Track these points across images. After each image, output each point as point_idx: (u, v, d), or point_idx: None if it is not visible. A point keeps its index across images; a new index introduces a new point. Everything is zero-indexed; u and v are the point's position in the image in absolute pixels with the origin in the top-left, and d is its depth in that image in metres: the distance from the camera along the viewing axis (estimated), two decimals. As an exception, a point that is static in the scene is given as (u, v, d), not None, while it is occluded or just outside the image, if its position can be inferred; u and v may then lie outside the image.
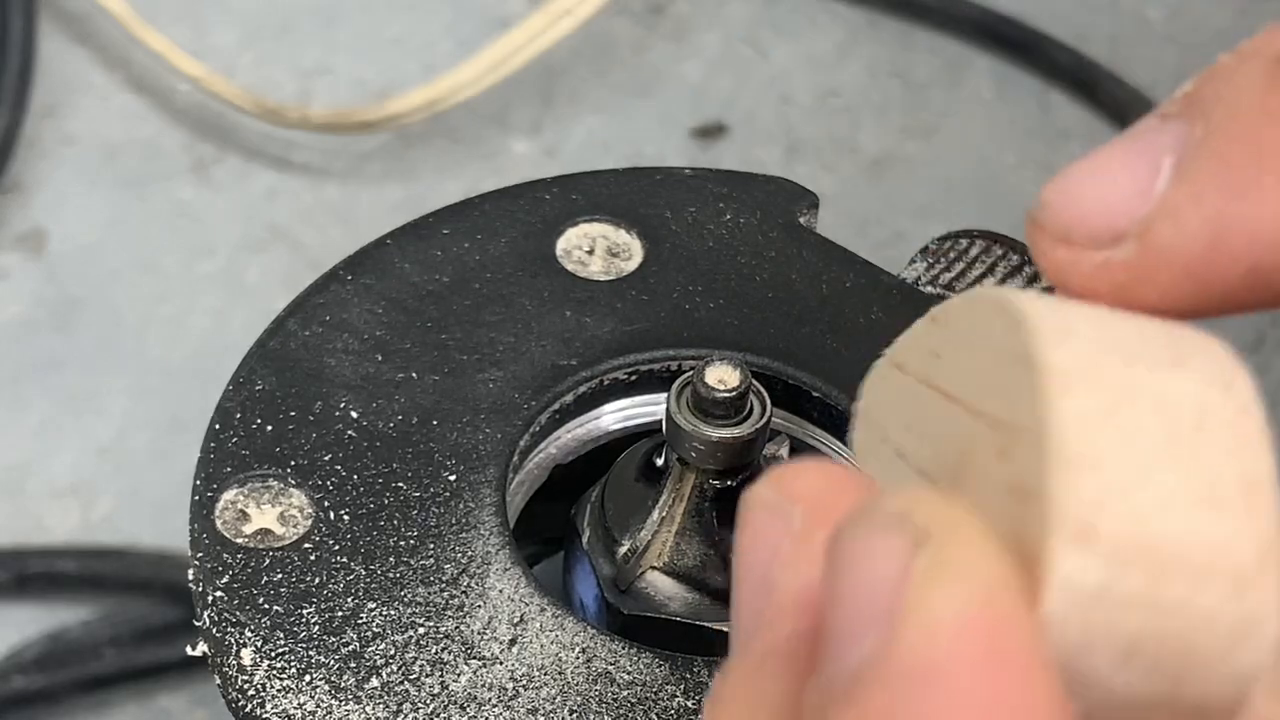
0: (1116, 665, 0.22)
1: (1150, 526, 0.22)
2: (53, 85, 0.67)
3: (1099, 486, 0.22)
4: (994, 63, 0.68)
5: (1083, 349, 0.22)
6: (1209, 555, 0.22)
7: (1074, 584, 0.22)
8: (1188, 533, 0.22)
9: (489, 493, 0.35)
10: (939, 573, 0.21)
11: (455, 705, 0.33)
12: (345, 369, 0.37)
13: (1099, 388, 0.22)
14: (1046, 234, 0.25)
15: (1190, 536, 0.22)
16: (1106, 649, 0.22)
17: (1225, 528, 0.22)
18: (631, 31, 0.69)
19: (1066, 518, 0.22)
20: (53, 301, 0.61)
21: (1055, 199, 0.25)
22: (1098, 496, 0.22)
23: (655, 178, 0.42)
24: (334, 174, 0.65)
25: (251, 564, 0.34)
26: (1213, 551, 0.22)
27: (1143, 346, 0.23)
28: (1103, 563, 0.21)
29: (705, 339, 0.38)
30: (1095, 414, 0.22)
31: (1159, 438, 0.22)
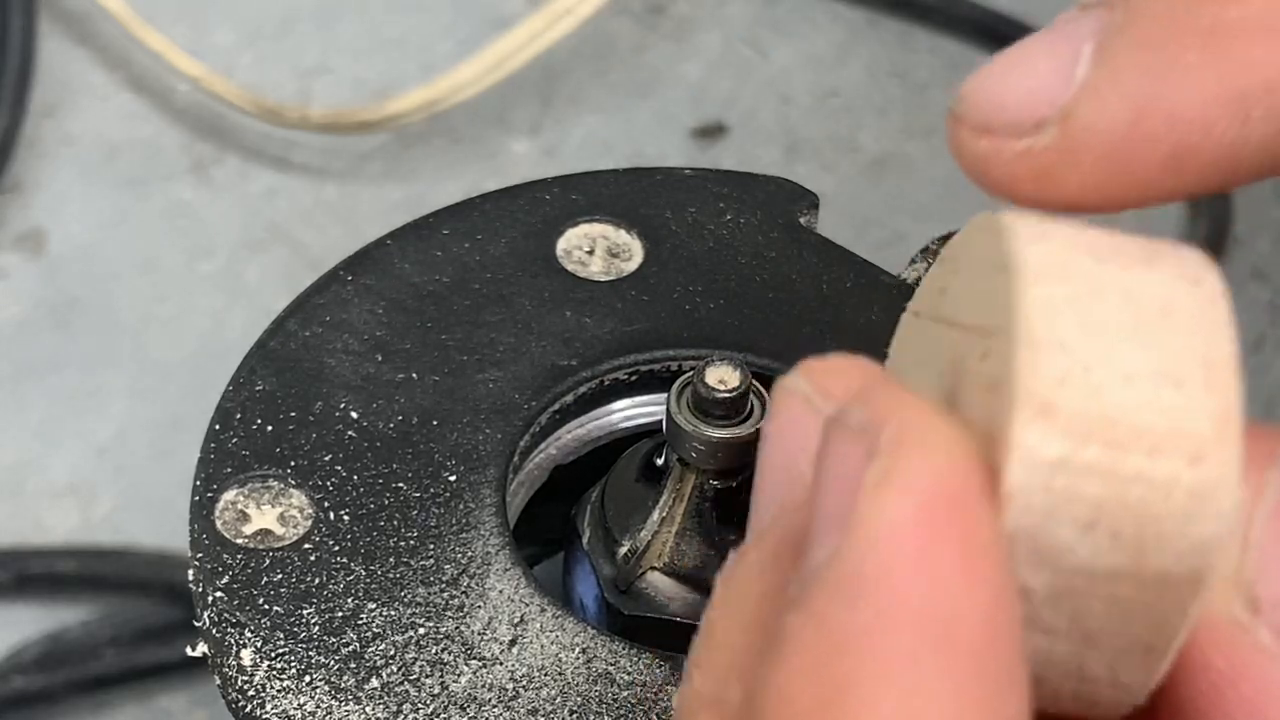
0: (1080, 535, 0.22)
1: (1111, 400, 0.22)
2: (52, 85, 0.67)
3: (1062, 365, 0.22)
4: (994, 63, 0.68)
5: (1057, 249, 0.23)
6: (1167, 426, 0.22)
7: (1035, 456, 0.22)
8: (1147, 406, 0.22)
9: (489, 493, 0.35)
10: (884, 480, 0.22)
11: (455, 706, 0.32)
12: (345, 369, 0.37)
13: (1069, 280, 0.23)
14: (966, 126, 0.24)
15: (1149, 409, 0.22)
16: (1069, 519, 0.22)
17: (1184, 401, 0.23)
18: (631, 31, 0.69)
19: (1030, 394, 0.22)
20: (52, 301, 0.61)
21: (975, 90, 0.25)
22: (1060, 374, 0.22)
23: (655, 178, 0.42)
24: (334, 174, 0.65)
25: (251, 564, 0.34)
26: (1171, 423, 0.22)
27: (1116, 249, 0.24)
28: (1063, 434, 0.22)
29: (705, 339, 0.38)
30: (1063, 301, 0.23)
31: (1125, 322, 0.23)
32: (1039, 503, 0.22)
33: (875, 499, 0.22)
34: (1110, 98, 0.24)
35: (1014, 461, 0.22)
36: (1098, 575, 0.23)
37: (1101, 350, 0.23)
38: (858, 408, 0.23)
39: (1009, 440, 0.22)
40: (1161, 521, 0.23)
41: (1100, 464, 0.22)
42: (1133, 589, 0.23)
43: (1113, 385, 0.23)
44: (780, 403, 0.25)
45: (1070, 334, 0.23)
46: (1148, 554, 0.23)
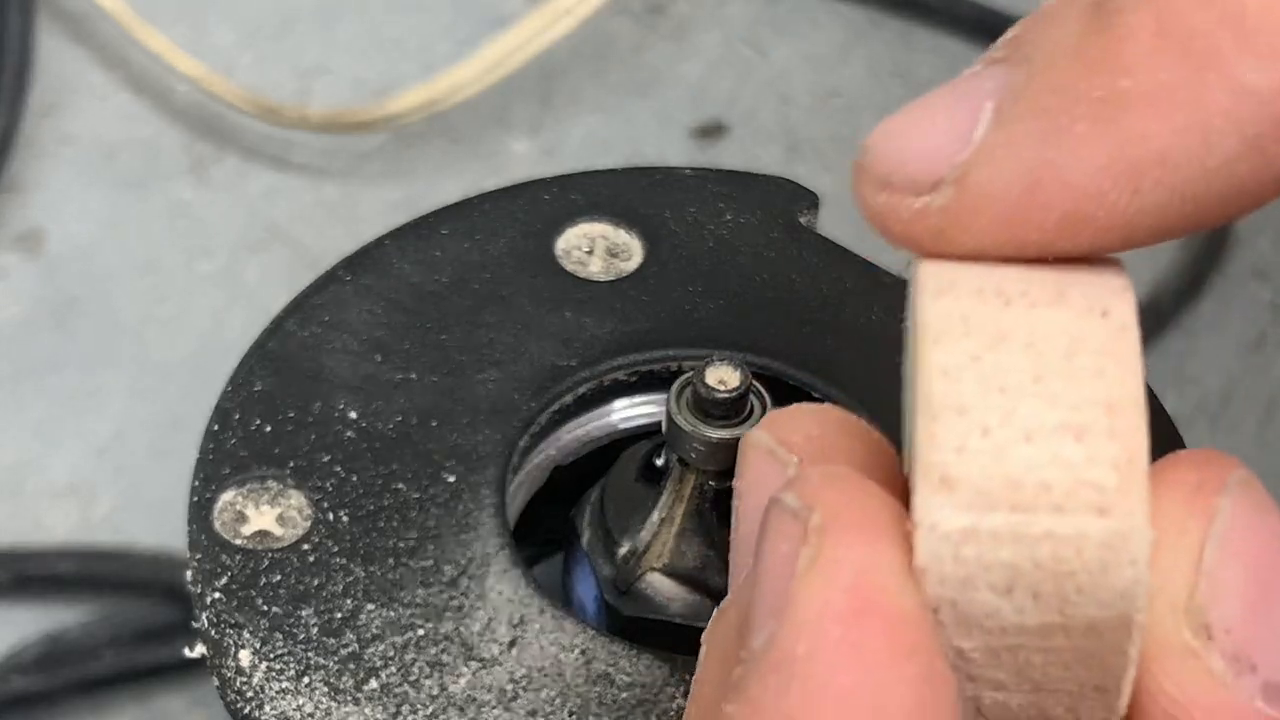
0: (1001, 598, 0.23)
1: (1012, 461, 0.23)
2: (51, 85, 0.66)
3: (961, 431, 0.23)
4: (995, 62, 0.68)
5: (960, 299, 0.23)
6: (1071, 481, 0.23)
7: (940, 530, 0.23)
8: (1049, 462, 0.23)
9: (488, 494, 0.35)
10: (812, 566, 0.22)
11: (454, 707, 0.32)
12: (344, 369, 0.37)
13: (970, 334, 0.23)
14: (868, 179, 0.25)
15: (1052, 466, 0.23)
16: (986, 585, 0.23)
17: (1087, 452, 0.23)
18: (631, 31, 0.69)
19: (930, 467, 0.23)
20: (51, 301, 0.61)
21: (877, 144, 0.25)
22: (959, 442, 0.23)
23: (655, 177, 0.42)
24: (333, 174, 0.65)
25: (250, 565, 0.34)
26: (1074, 477, 0.23)
27: (1026, 286, 0.24)
28: (966, 504, 0.23)
29: (705, 339, 0.38)
30: (962, 361, 0.23)
31: (1027, 374, 0.23)
32: (952, 573, 0.23)
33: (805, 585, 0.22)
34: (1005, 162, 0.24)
35: (920, 537, 0.23)
36: (1028, 632, 0.23)
37: (1002, 409, 0.23)
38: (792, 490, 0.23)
39: (913, 516, 0.23)
40: (1077, 576, 0.23)
41: (1007, 528, 0.23)
42: (1065, 640, 0.23)
43: (1014, 445, 0.23)
44: (745, 457, 0.25)
45: (969, 395, 0.23)
46: (1071, 607, 0.23)
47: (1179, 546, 0.23)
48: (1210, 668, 0.23)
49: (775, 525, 0.23)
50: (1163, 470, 0.24)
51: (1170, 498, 0.23)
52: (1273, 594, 0.23)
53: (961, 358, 0.23)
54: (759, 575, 0.23)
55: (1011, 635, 0.23)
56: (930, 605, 0.23)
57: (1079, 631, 0.23)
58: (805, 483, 0.23)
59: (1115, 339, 0.23)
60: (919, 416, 0.23)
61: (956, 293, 0.24)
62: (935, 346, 0.23)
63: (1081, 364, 0.23)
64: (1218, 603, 0.23)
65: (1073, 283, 0.24)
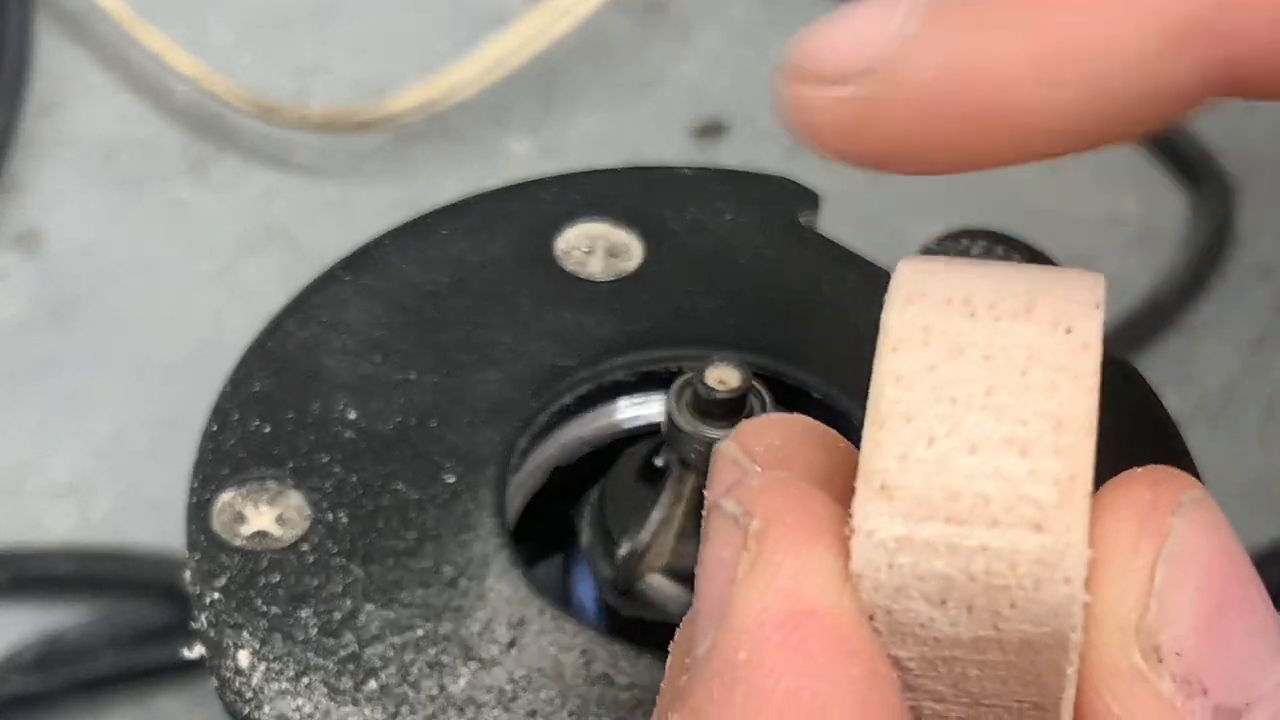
0: (935, 609, 0.23)
1: (954, 472, 0.23)
2: (49, 84, 0.66)
3: (906, 439, 0.23)
4: (995, 61, 0.68)
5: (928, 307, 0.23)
6: (1010, 495, 0.23)
7: (876, 537, 0.23)
8: (990, 475, 0.23)
9: (488, 494, 0.35)
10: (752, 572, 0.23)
11: (454, 707, 0.32)
12: (343, 369, 0.37)
13: (930, 343, 0.23)
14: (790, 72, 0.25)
15: (992, 479, 0.23)
16: (920, 595, 0.23)
17: (1029, 467, 0.23)
18: (631, 30, 0.69)
19: (871, 473, 0.23)
20: (49, 301, 0.61)
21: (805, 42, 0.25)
22: (902, 450, 0.23)
23: (655, 177, 0.41)
24: (332, 173, 0.65)
25: (249, 566, 0.34)
26: (1013, 491, 0.23)
27: (995, 298, 0.24)
28: (903, 513, 0.23)
29: (705, 339, 0.38)
30: (918, 369, 0.23)
31: (980, 385, 0.23)
32: (886, 581, 0.23)
33: (745, 590, 0.23)
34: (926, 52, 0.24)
35: (856, 543, 0.23)
36: (963, 645, 0.23)
37: (950, 419, 0.23)
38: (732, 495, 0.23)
39: (852, 522, 0.23)
40: (1011, 591, 0.23)
41: (943, 540, 0.23)
42: (1001, 655, 0.23)
43: (957, 456, 0.23)
44: (714, 466, 0.25)
45: (919, 404, 0.23)
46: (1005, 622, 0.23)
47: (1130, 567, 0.23)
48: (1160, 690, 0.23)
49: (716, 531, 0.24)
50: (1116, 488, 0.24)
51: (1123, 516, 0.23)
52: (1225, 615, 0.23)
53: (918, 366, 0.23)
54: (701, 582, 0.24)
55: (946, 647, 0.23)
56: (865, 612, 0.23)
57: (1013, 647, 0.23)
58: (745, 488, 0.24)
59: (1074, 356, 0.23)
60: (867, 423, 0.23)
61: (925, 301, 0.24)
62: (893, 354, 0.23)
63: (1036, 379, 0.23)
64: (1169, 624, 0.23)
65: (1044, 295, 0.24)
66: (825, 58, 0.25)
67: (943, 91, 0.24)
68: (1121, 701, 0.23)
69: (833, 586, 0.23)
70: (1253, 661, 0.23)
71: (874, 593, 0.23)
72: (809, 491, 0.23)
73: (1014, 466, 0.23)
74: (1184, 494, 0.23)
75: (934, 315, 0.24)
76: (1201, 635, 0.23)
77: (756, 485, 0.24)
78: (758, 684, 0.22)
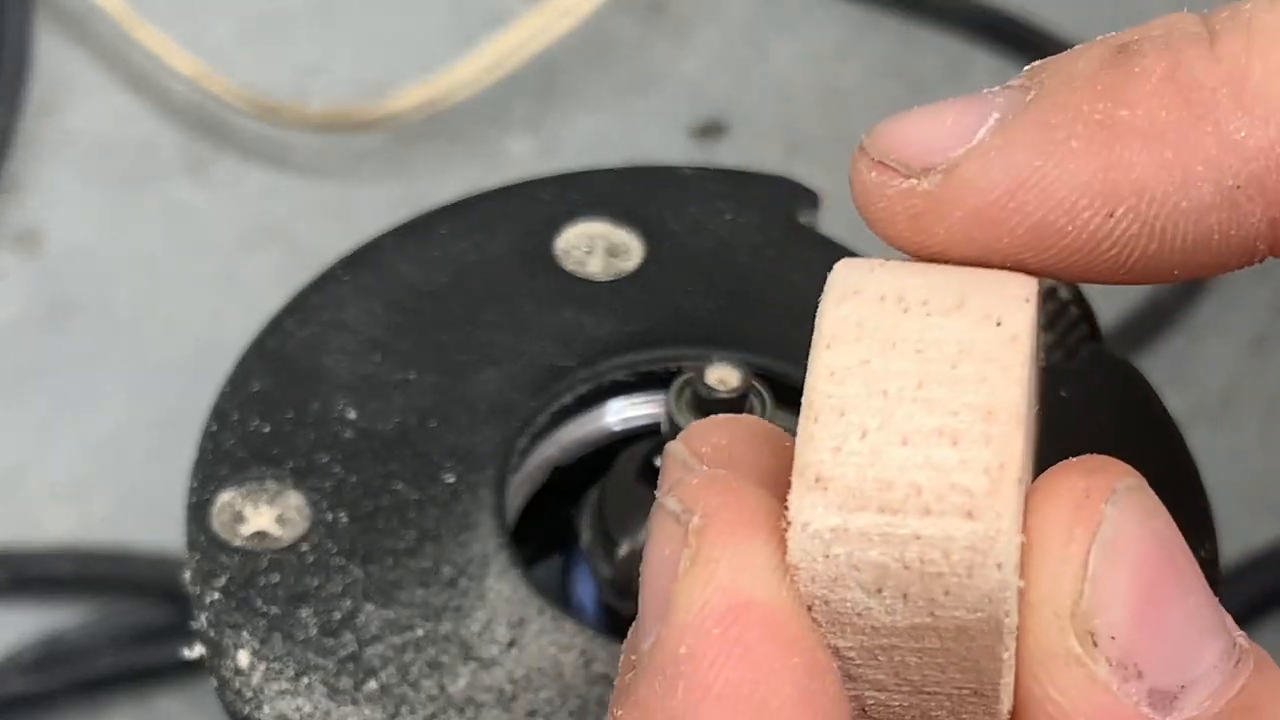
0: (870, 598, 0.23)
1: (886, 463, 0.23)
2: (48, 83, 0.66)
3: (838, 432, 0.23)
4: (996, 61, 0.68)
5: (862, 304, 0.24)
6: (941, 484, 0.23)
7: (810, 529, 0.23)
8: (921, 465, 0.23)
9: (487, 494, 0.35)
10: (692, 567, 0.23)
11: (453, 708, 0.32)
12: (342, 369, 0.37)
13: (863, 339, 0.24)
14: (864, 157, 0.26)
15: (923, 469, 0.23)
16: (856, 585, 0.23)
17: (959, 456, 0.23)
18: (631, 30, 0.69)
19: (805, 466, 0.23)
20: (49, 301, 0.61)
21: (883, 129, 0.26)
22: (836, 443, 0.23)
23: (655, 176, 0.41)
24: (331, 173, 0.65)
25: (248, 566, 0.34)
26: (945, 480, 0.23)
27: (928, 295, 0.24)
28: (837, 504, 0.23)
29: (705, 339, 0.38)
30: (851, 365, 0.24)
31: (911, 379, 0.24)
32: (822, 571, 0.23)
33: (685, 586, 0.23)
34: (994, 162, 0.25)
35: (792, 535, 0.23)
36: (900, 632, 0.24)
37: (882, 412, 0.24)
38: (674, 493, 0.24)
39: (788, 514, 0.23)
40: (945, 578, 0.23)
41: (876, 529, 0.23)
42: (937, 641, 0.24)
43: (890, 447, 0.23)
44: (663, 467, 0.26)
45: (852, 398, 0.24)
46: (940, 609, 0.23)
47: (1064, 554, 0.24)
48: (1095, 674, 0.23)
49: (658, 529, 0.24)
50: (1052, 478, 0.24)
51: (1057, 505, 0.24)
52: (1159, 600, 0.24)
53: (851, 361, 0.24)
54: (645, 579, 0.24)
55: (884, 635, 0.24)
56: (804, 603, 0.23)
57: (950, 634, 0.23)
58: (685, 486, 0.24)
59: (1003, 348, 0.24)
60: (801, 418, 0.24)
61: (859, 299, 0.25)
62: (827, 350, 0.24)
63: (966, 371, 0.24)
64: (1103, 609, 0.23)
65: (976, 292, 0.25)
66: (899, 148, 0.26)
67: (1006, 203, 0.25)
68: (1058, 686, 0.23)
69: (771, 579, 0.23)
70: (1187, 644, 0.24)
71: (811, 583, 0.23)
72: (746, 488, 0.24)
73: (945, 456, 0.23)
74: (1118, 482, 0.24)
75: (867, 311, 0.24)
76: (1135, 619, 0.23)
77: (696, 484, 0.24)
78: (699, 677, 0.23)
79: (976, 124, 0.25)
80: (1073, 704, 0.23)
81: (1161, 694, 0.23)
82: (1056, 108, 0.25)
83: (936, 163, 0.25)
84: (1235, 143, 0.25)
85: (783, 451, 0.26)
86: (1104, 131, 0.25)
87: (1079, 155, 0.25)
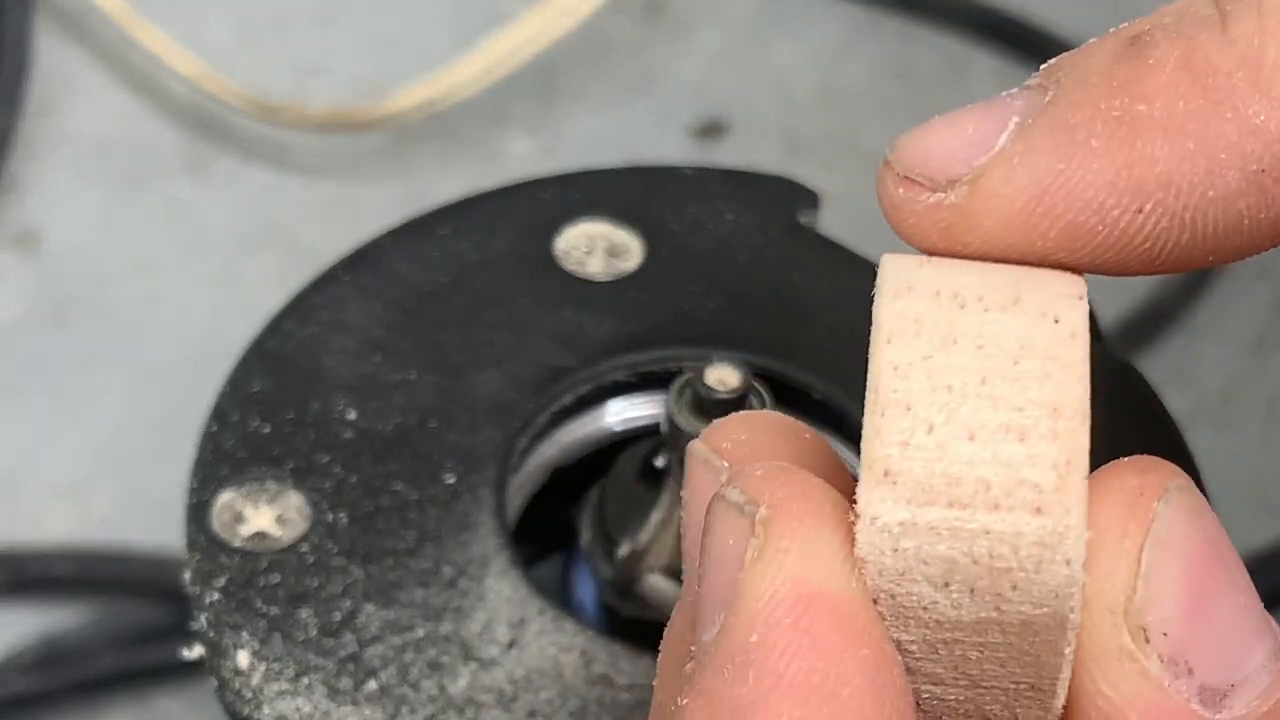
0: (937, 592, 0.24)
1: (954, 458, 0.23)
2: (48, 83, 0.66)
3: (906, 427, 0.24)
4: (997, 61, 0.68)
5: (917, 299, 0.24)
6: (1010, 480, 0.23)
7: (879, 522, 0.23)
8: (990, 461, 0.23)
9: (488, 494, 0.35)
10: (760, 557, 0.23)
11: (453, 708, 0.32)
12: (343, 369, 0.37)
13: (922, 334, 0.24)
14: (890, 173, 0.26)
15: (992, 464, 0.23)
16: (924, 578, 0.23)
17: (1027, 452, 0.23)
18: (631, 30, 0.69)
19: (874, 460, 0.23)
20: (48, 301, 0.61)
21: (905, 143, 0.26)
22: (903, 437, 0.23)
23: (655, 176, 0.41)
24: (331, 173, 0.65)
25: (248, 566, 0.34)
26: (1013, 476, 0.23)
27: (982, 291, 0.25)
28: (906, 499, 0.23)
29: (705, 339, 0.38)
30: (913, 360, 0.24)
31: (974, 374, 0.24)
32: (890, 565, 0.24)
33: (754, 576, 0.23)
34: (1019, 170, 0.25)
35: (860, 529, 0.23)
36: (964, 626, 0.24)
37: (948, 407, 0.24)
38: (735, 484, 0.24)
39: (856, 508, 0.24)
40: (1013, 573, 0.23)
41: (945, 523, 0.23)
42: (1001, 636, 0.24)
43: (957, 443, 0.24)
44: (688, 466, 0.26)
45: (917, 393, 0.24)
46: (1006, 603, 0.24)
47: (1118, 550, 0.24)
48: (1147, 670, 0.24)
49: (720, 520, 0.24)
50: (1105, 476, 0.24)
51: (1111, 502, 0.24)
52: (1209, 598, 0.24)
53: (913, 356, 0.24)
54: (706, 570, 0.24)
55: (948, 629, 0.24)
56: (871, 595, 0.24)
57: (1014, 628, 0.24)
58: (748, 478, 0.24)
59: (1064, 345, 0.24)
60: (867, 412, 0.24)
61: (914, 294, 0.25)
62: (888, 345, 0.24)
63: (1028, 368, 0.24)
64: (1155, 606, 0.24)
65: (1029, 289, 0.25)
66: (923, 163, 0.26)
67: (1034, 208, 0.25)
68: (1111, 681, 0.24)
69: (840, 570, 0.23)
70: (1237, 642, 0.24)
71: (879, 577, 0.23)
72: (812, 480, 0.24)
73: (1012, 452, 0.23)
74: (1170, 481, 0.24)
75: (924, 307, 0.24)
76: (1187, 616, 0.24)
77: (760, 475, 0.24)
78: (769, 666, 0.23)
79: (997, 130, 0.26)
80: (1125, 699, 0.24)
81: (1212, 691, 0.24)
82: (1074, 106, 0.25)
83: (961, 174, 0.25)
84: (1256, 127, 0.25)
85: (801, 443, 0.26)
86: (1124, 128, 0.25)
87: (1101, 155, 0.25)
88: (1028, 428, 0.24)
